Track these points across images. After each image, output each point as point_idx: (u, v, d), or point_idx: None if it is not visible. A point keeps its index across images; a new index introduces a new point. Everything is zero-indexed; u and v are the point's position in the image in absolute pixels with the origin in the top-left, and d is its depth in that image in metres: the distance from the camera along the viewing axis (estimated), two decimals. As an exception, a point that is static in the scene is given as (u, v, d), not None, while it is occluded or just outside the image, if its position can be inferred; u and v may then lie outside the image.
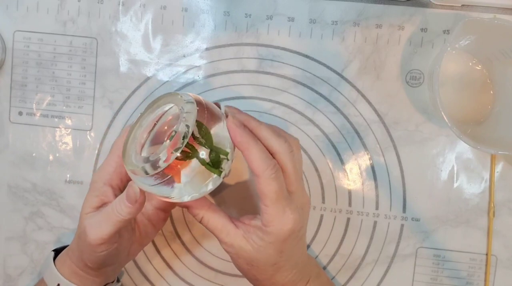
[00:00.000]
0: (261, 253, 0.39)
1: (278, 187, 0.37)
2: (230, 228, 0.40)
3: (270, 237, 0.38)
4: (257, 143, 0.38)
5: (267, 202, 0.38)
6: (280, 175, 0.38)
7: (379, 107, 0.49)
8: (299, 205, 0.39)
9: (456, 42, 0.46)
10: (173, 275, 0.51)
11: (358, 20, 0.49)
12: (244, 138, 0.37)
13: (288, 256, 0.40)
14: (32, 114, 0.51)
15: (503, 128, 0.45)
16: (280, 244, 0.39)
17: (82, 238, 0.41)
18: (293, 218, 0.38)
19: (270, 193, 0.37)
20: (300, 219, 0.39)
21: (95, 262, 0.42)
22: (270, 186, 0.37)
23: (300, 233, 0.40)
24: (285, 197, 0.38)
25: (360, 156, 0.50)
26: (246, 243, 0.40)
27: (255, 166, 0.37)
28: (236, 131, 0.38)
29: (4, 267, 0.52)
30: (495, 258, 0.49)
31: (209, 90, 0.50)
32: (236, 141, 0.38)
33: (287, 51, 0.49)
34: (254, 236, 0.39)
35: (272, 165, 0.37)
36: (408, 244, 0.50)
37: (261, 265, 0.40)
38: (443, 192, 0.49)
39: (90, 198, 0.42)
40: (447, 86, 0.48)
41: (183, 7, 0.50)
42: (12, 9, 0.50)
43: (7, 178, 0.51)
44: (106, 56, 0.50)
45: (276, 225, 0.38)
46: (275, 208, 0.38)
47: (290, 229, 0.38)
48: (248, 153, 0.37)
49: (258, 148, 0.38)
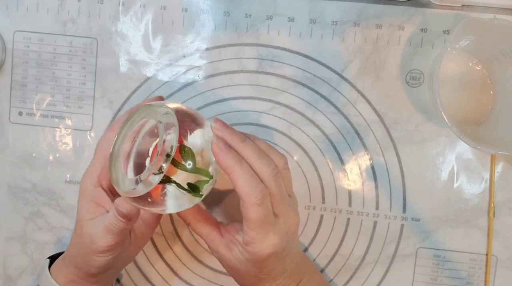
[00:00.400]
0: (242, 264, 0.40)
1: (262, 214, 0.37)
2: (215, 236, 0.41)
3: (249, 255, 0.38)
4: (242, 166, 0.37)
5: (250, 226, 0.37)
6: (266, 200, 0.37)
7: (379, 107, 0.49)
8: (283, 228, 0.39)
9: (456, 42, 0.46)
10: (173, 275, 0.51)
11: (358, 20, 0.49)
12: (229, 162, 0.36)
13: (269, 271, 0.40)
14: (32, 115, 0.51)
15: (503, 129, 0.45)
16: (260, 263, 0.39)
17: (87, 245, 0.40)
18: (275, 243, 0.38)
19: (254, 219, 0.37)
20: (282, 242, 0.38)
21: (98, 268, 0.41)
22: (254, 212, 0.37)
23: (283, 252, 0.39)
24: (269, 222, 0.37)
25: (360, 156, 0.50)
26: (228, 252, 0.40)
27: (240, 190, 0.36)
28: (220, 155, 0.37)
29: (4, 267, 0.52)
30: (495, 258, 0.49)
31: (209, 91, 0.50)
32: (221, 166, 0.37)
33: (287, 51, 0.49)
34: (235, 249, 0.40)
35: (258, 190, 0.36)
36: (408, 244, 0.50)
37: (242, 273, 0.41)
38: (443, 192, 0.49)
39: (85, 204, 0.41)
40: (447, 86, 0.48)
41: (183, 7, 0.50)
42: (12, 9, 0.50)
43: (7, 178, 0.51)
44: (106, 57, 0.50)
45: (255, 247, 0.38)
46: (257, 233, 0.37)
47: (270, 252, 0.38)
48: (233, 177, 0.36)
49: (244, 171, 0.36)
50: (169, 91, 0.50)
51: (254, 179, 0.37)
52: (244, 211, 0.37)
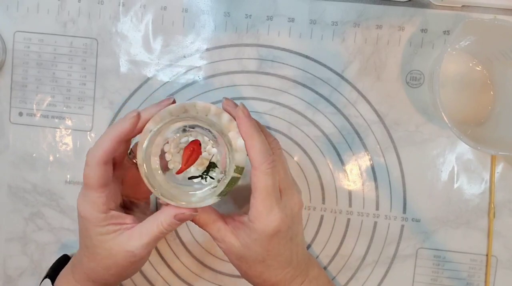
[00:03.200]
0: (249, 249, 0.40)
1: (271, 183, 0.38)
2: (220, 224, 0.41)
3: (255, 233, 0.39)
4: (260, 135, 0.39)
5: (256, 195, 0.38)
6: (275, 172, 0.39)
7: (380, 108, 0.49)
8: (288, 205, 0.40)
9: (456, 42, 0.46)
10: (173, 275, 0.51)
11: (358, 21, 0.49)
12: (249, 128, 0.38)
13: (275, 254, 0.40)
14: (33, 115, 0.51)
15: (503, 129, 0.45)
16: (266, 242, 0.39)
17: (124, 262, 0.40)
18: (280, 217, 0.39)
19: (262, 187, 0.38)
20: (287, 219, 0.39)
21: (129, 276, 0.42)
22: (263, 180, 0.38)
23: (288, 233, 0.40)
24: (275, 195, 0.39)
25: (360, 156, 0.50)
26: (235, 239, 0.41)
27: (255, 157, 0.38)
28: (244, 121, 0.38)
29: (4, 268, 0.52)
30: (495, 258, 0.49)
31: (210, 91, 0.50)
32: (242, 130, 0.38)
33: (288, 52, 0.49)
34: (242, 232, 0.40)
35: (270, 160, 0.38)
36: (408, 244, 0.50)
37: (250, 262, 0.41)
38: (444, 192, 0.49)
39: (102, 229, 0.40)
40: (448, 87, 0.48)
41: (183, 7, 0.50)
42: (13, 10, 0.50)
43: (7, 179, 0.51)
44: (106, 57, 0.50)
45: (261, 221, 0.38)
46: (263, 204, 0.38)
47: (276, 227, 0.39)
48: (251, 143, 0.38)
49: (261, 140, 0.38)
50: (169, 92, 0.50)
51: (268, 149, 0.39)
52: (254, 180, 0.38)
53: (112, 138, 0.39)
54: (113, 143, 0.39)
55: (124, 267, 0.40)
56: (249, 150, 0.38)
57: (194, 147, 0.39)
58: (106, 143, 0.39)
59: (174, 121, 0.39)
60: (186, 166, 0.39)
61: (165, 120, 0.38)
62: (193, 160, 0.39)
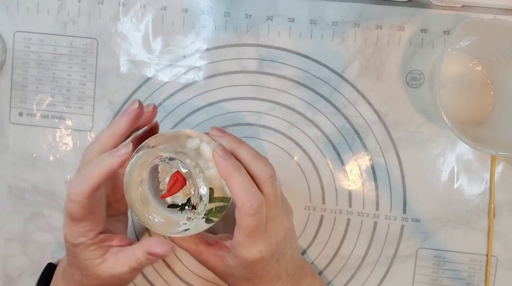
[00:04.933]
0: (234, 270, 0.40)
1: (255, 224, 0.37)
2: (202, 248, 0.41)
3: (238, 260, 0.39)
4: (240, 173, 0.37)
5: (241, 232, 0.37)
6: (261, 210, 0.37)
7: (380, 108, 0.49)
8: (273, 234, 0.38)
9: (457, 43, 0.46)
10: (173, 275, 0.51)
11: (358, 21, 0.49)
12: (228, 168, 0.36)
13: (261, 275, 0.40)
14: (33, 115, 0.51)
15: (504, 129, 0.45)
16: (250, 267, 0.39)
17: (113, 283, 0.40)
18: (263, 250, 0.38)
19: (245, 227, 0.37)
20: (270, 249, 0.38)
21: None
22: (246, 221, 0.36)
23: (274, 258, 0.39)
24: (260, 231, 0.37)
25: (360, 156, 0.49)
26: (218, 261, 0.40)
27: (236, 197, 0.36)
28: (220, 162, 0.37)
29: (4, 268, 0.52)
30: (495, 259, 0.49)
31: (210, 91, 0.50)
32: (220, 172, 0.37)
33: (288, 52, 0.49)
34: (225, 254, 0.40)
35: (254, 199, 0.36)
36: (408, 244, 0.50)
37: (236, 279, 0.41)
38: (444, 192, 0.49)
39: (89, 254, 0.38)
40: (448, 87, 0.48)
41: (183, 7, 0.50)
42: (13, 10, 0.50)
43: (7, 179, 0.51)
44: (106, 57, 0.50)
45: (244, 253, 0.38)
46: (246, 240, 0.37)
47: (258, 258, 0.38)
48: (230, 183, 0.36)
49: (242, 179, 0.36)
50: (169, 92, 0.50)
51: (252, 188, 0.37)
52: (237, 217, 0.37)
53: (100, 175, 0.36)
54: (100, 180, 0.36)
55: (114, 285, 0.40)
56: (231, 190, 0.37)
57: (178, 176, 0.38)
58: (93, 179, 0.36)
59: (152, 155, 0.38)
60: (169, 192, 0.38)
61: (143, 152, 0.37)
62: (177, 188, 0.38)
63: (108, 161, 0.36)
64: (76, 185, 0.36)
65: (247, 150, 0.39)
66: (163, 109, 0.50)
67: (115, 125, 0.39)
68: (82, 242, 0.38)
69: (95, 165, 0.37)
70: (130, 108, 0.39)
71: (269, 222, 0.38)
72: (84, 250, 0.38)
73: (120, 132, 0.39)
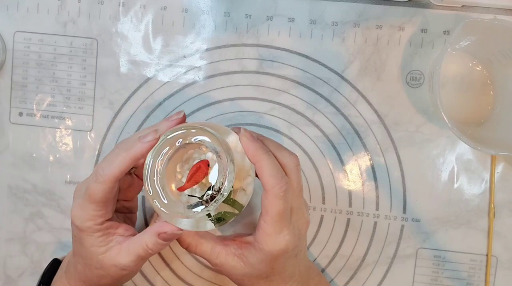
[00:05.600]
0: (253, 268, 0.39)
1: (283, 207, 0.37)
2: (219, 248, 0.40)
3: (262, 254, 0.38)
4: (269, 156, 0.37)
5: (267, 219, 0.37)
6: (288, 194, 0.37)
7: (380, 108, 0.49)
8: (297, 225, 0.39)
9: (457, 43, 0.46)
10: (173, 275, 0.51)
11: (358, 21, 0.49)
12: (256, 151, 0.37)
13: (279, 271, 0.40)
14: (33, 115, 0.51)
15: (503, 129, 0.45)
16: (271, 261, 0.39)
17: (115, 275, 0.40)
18: (288, 240, 0.38)
19: (274, 212, 0.37)
20: (294, 240, 0.38)
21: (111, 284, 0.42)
22: (276, 204, 0.37)
23: (294, 251, 0.39)
24: (287, 217, 0.38)
25: (360, 156, 0.50)
26: (237, 260, 0.40)
27: (266, 180, 0.37)
28: (249, 145, 0.37)
29: (4, 268, 0.52)
30: (495, 259, 0.49)
31: (210, 91, 0.50)
32: (249, 155, 0.37)
33: (288, 52, 0.49)
34: (246, 252, 0.39)
35: (283, 182, 0.37)
36: (408, 244, 0.50)
37: (253, 279, 0.40)
38: (444, 192, 0.49)
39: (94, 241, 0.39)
40: (448, 87, 0.48)
41: (183, 7, 0.50)
42: (13, 10, 0.50)
43: (7, 179, 0.51)
44: (106, 57, 0.50)
45: (269, 243, 0.38)
46: (273, 227, 0.37)
47: (283, 249, 0.38)
48: (260, 166, 0.37)
49: (270, 161, 0.37)
50: (169, 92, 0.50)
51: (280, 171, 0.37)
52: (265, 203, 0.37)
53: (128, 159, 0.37)
54: (128, 163, 0.38)
55: (116, 278, 0.40)
56: (259, 172, 0.37)
57: (201, 165, 0.37)
58: (122, 163, 0.37)
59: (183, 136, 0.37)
60: (189, 183, 0.37)
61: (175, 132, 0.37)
62: (197, 178, 0.37)
63: (137, 146, 0.37)
64: (105, 167, 0.38)
65: (271, 140, 0.40)
66: (163, 109, 0.50)
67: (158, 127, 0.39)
68: (89, 226, 0.39)
69: (124, 149, 0.38)
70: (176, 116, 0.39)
71: (294, 213, 0.39)
72: (90, 236, 0.39)
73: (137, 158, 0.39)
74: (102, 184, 0.38)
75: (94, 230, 0.39)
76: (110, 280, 0.41)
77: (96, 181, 0.38)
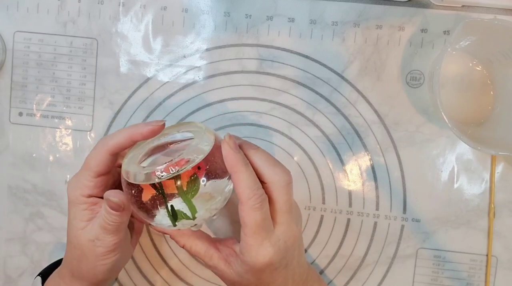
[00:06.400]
0: (241, 278, 0.40)
1: (260, 218, 0.36)
2: (213, 252, 0.41)
3: (246, 265, 0.38)
4: (247, 168, 0.37)
5: (246, 231, 0.37)
6: (264, 205, 0.37)
7: (380, 108, 0.49)
8: (283, 238, 0.38)
9: (457, 43, 0.46)
10: (172, 274, 0.51)
11: (358, 21, 0.49)
12: (235, 162, 0.37)
13: (269, 281, 0.39)
14: (32, 115, 0.51)
15: (504, 129, 0.45)
16: (257, 273, 0.38)
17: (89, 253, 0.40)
18: (271, 252, 0.37)
19: (251, 223, 0.37)
20: (280, 252, 0.38)
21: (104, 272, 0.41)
22: (252, 216, 0.36)
23: (282, 263, 0.39)
24: (266, 229, 0.37)
25: (360, 156, 0.49)
26: (228, 267, 0.40)
27: (241, 191, 0.36)
28: (228, 153, 0.37)
29: (4, 268, 0.52)
30: (495, 259, 0.49)
31: (209, 91, 0.50)
32: (227, 163, 0.37)
33: (288, 52, 0.49)
34: (233, 260, 0.40)
35: (258, 194, 0.36)
36: (408, 244, 0.50)
37: None
38: (444, 192, 0.49)
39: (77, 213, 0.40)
40: (448, 87, 0.48)
41: (183, 7, 0.50)
42: (13, 10, 0.50)
43: (7, 179, 0.51)
44: (106, 57, 0.50)
45: (252, 256, 0.37)
46: (253, 239, 0.37)
47: (266, 262, 0.37)
48: (237, 177, 0.37)
49: (247, 174, 0.37)
50: (169, 92, 0.50)
51: (256, 183, 0.37)
52: (242, 215, 0.37)
53: (128, 134, 0.39)
54: (127, 139, 0.39)
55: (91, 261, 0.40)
56: (235, 183, 0.37)
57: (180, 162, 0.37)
58: (122, 136, 0.39)
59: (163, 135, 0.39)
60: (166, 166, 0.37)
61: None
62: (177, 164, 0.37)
63: (141, 126, 0.39)
64: (105, 139, 0.40)
65: (264, 154, 0.39)
66: (163, 109, 0.50)
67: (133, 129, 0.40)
68: (76, 196, 0.40)
69: (126, 128, 0.40)
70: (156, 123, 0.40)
71: (279, 226, 0.38)
72: (75, 207, 0.40)
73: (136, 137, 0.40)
74: (99, 152, 0.39)
75: (80, 201, 0.40)
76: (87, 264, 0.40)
77: (94, 149, 0.40)
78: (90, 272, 0.41)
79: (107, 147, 0.39)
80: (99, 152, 0.40)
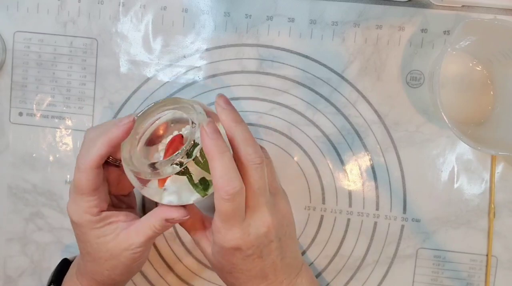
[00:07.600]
0: (215, 258, 0.40)
1: (230, 209, 0.36)
2: (198, 226, 0.41)
3: (216, 246, 0.38)
4: (223, 156, 0.35)
5: (216, 216, 0.37)
6: (239, 197, 0.36)
7: (380, 108, 0.49)
8: (254, 224, 0.37)
9: (457, 43, 0.46)
10: (173, 275, 0.51)
11: (358, 21, 0.49)
12: (212, 148, 0.35)
13: (242, 269, 0.39)
14: (33, 115, 0.51)
15: (504, 129, 0.45)
16: (228, 256, 0.38)
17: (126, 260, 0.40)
18: (239, 237, 0.37)
19: (221, 212, 0.36)
20: (249, 238, 0.37)
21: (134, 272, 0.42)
22: (222, 206, 0.36)
23: (255, 251, 0.38)
24: (236, 217, 0.36)
25: (360, 156, 0.49)
26: (208, 245, 0.40)
27: (215, 181, 0.35)
28: (205, 140, 0.35)
29: (4, 268, 0.52)
30: (495, 259, 0.49)
31: (209, 91, 0.50)
32: (205, 150, 0.36)
33: (288, 52, 0.49)
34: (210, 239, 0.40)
35: (231, 186, 0.35)
36: (408, 245, 0.50)
37: (219, 271, 0.41)
38: (444, 192, 0.49)
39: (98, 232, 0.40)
40: (448, 87, 0.48)
41: (183, 7, 0.50)
42: (13, 10, 0.50)
43: (7, 179, 0.51)
44: (106, 57, 0.50)
45: (220, 238, 0.37)
46: (223, 224, 0.37)
47: (234, 245, 0.37)
48: (213, 165, 0.35)
49: (222, 163, 0.35)
50: (169, 92, 0.50)
51: (231, 173, 0.35)
52: (215, 201, 0.36)
53: (105, 144, 0.38)
54: (106, 148, 0.38)
55: (128, 265, 0.40)
56: (211, 171, 0.36)
57: (175, 138, 0.38)
58: (100, 148, 0.38)
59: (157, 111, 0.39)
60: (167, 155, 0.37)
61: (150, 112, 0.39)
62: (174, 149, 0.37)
63: (113, 130, 0.38)
64: (84, 155, 0.38)
65: (241, 132, 0.37)
66: (163, 109, 0.50)
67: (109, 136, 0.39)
68: (87, 219, 0.39)
69: (100, 135, 0.38)
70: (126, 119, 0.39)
71: (250, 211, 0.37)
72: (93, 229, 0.39)
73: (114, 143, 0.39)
74: (84, 172, 0.38)
75: (94, 221, 0.39)
76: (123, 269, 0.41)
77: (78, 171, 0.38)
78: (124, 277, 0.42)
79: (90, 164, 0.38)
80: (84, 173, 0.38)
